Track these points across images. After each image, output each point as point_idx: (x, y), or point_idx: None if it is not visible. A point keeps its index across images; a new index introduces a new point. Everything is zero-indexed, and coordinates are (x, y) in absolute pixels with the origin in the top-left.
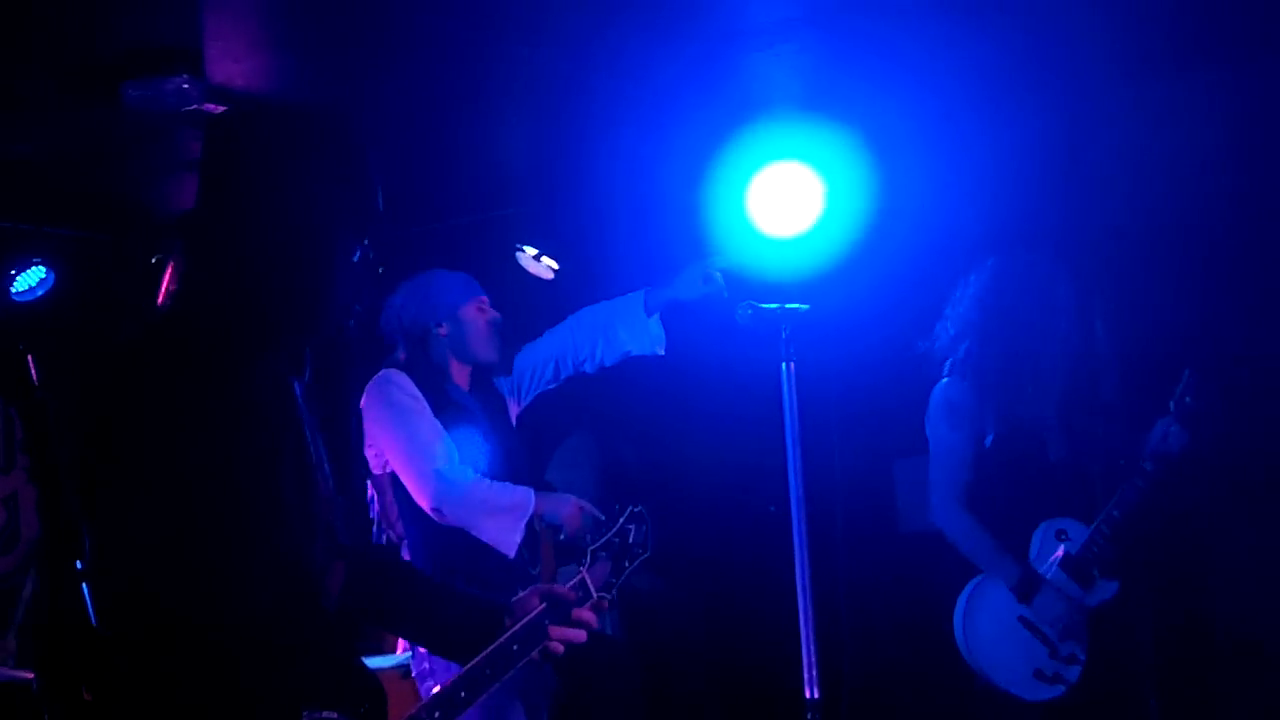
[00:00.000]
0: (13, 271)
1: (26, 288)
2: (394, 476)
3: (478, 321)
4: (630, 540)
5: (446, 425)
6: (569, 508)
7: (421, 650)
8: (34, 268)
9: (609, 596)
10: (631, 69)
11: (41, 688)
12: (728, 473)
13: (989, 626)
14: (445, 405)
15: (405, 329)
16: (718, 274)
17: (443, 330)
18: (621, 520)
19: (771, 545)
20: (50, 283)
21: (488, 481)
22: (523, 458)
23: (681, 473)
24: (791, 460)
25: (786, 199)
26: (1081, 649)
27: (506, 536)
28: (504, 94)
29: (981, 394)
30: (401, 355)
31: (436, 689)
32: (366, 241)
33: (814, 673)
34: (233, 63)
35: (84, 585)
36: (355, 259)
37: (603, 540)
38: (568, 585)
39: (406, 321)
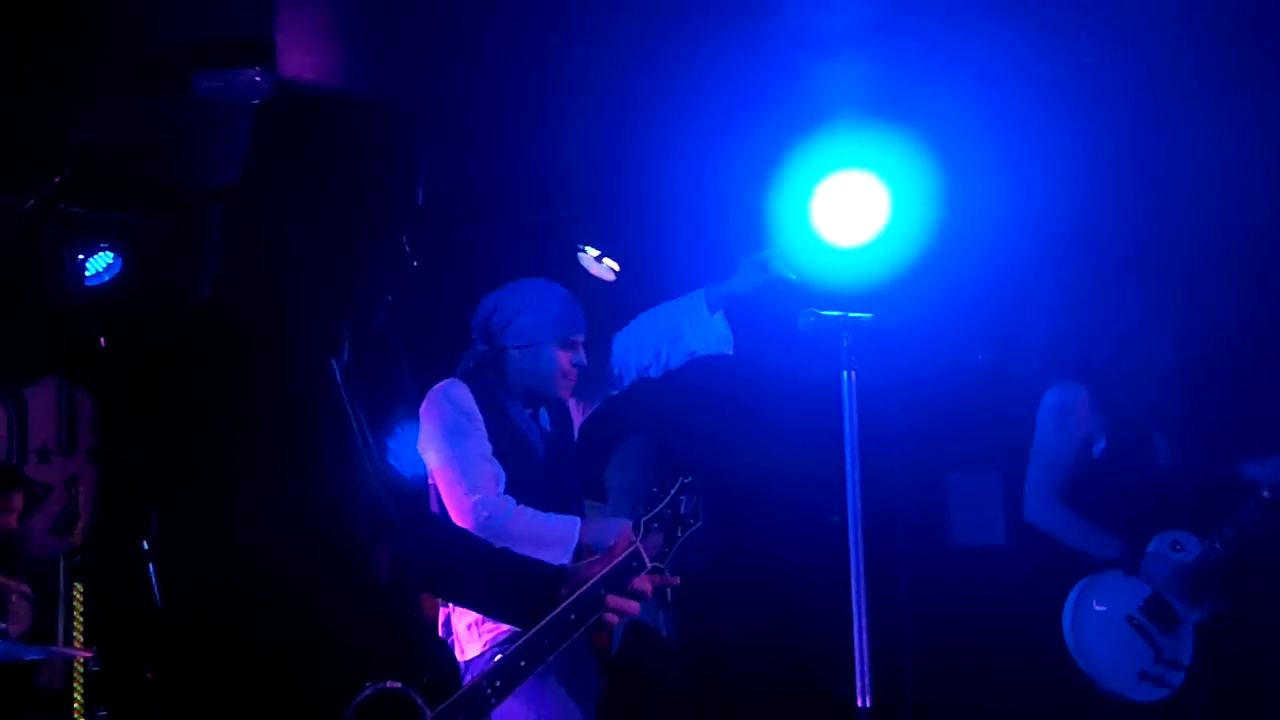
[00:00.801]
0: (81, 256)
1: (94, 273)
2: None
3: (560, 364)
4: (681, 510)
5: (500, 445)
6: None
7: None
8: (102, 253)
9: (663, 566)
10: (697, 74)
11: (104, 666)
12: (785, 479)
13: (1097, 626)
14: (503, 425)
15: (489, 333)
16: (775, 262)
17: (521, 356)
18: (673, 491)
19: (827, 553)
20: (118, 268)
21: (530, 513)
22: (575, 483)
23: (739, 478)
24: (850, 470)
25: (851, 208)
26: (1186, 655)
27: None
28: (570, 95)
29: (1094, 399)
30: (480, 348)
31: (498, 658)
32: (404, 235)
33: (866, 681)
34: (303, 56)
35: (149, 565)
36: (391, 250)
37: (655, 511)
38: (622, 556)
39: (493, 327)
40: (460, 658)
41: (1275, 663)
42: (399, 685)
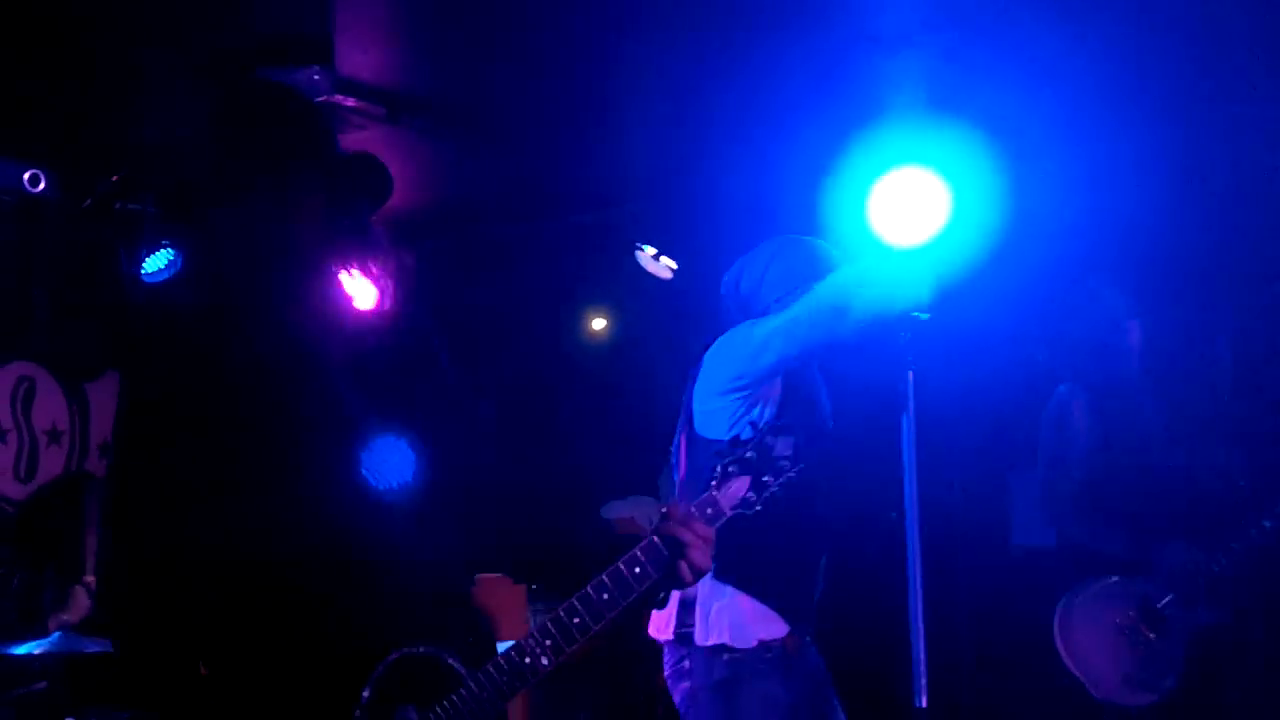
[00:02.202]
0: (143, 253)
1: (154, 270)
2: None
3: None
4: (775, 453)
5: (789, 414)
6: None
7: (678, 648)
8: (162, 250)
9: (749, 513)
10: (755, 71)
11: (123, 653)
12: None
13: (1085, 628)
14: (790, 393)
15: (744, 303)
16: None
17: (783, 308)
18: (761, 433)
19: (887, 553)
20: (178, 265)
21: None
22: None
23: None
24: (908, 468)
25: (909, 206)
26: (1177, 663)
27: (878, 301)
28: (628, 93)
29: (1095, 404)
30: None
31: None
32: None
33: (923, 681)
34: (361, 55)
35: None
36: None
37: (734, 455)
38: (695, 503)
39: (745, 294)
40: (700, 641)
41: (1270, 677)
42: (431, 649)
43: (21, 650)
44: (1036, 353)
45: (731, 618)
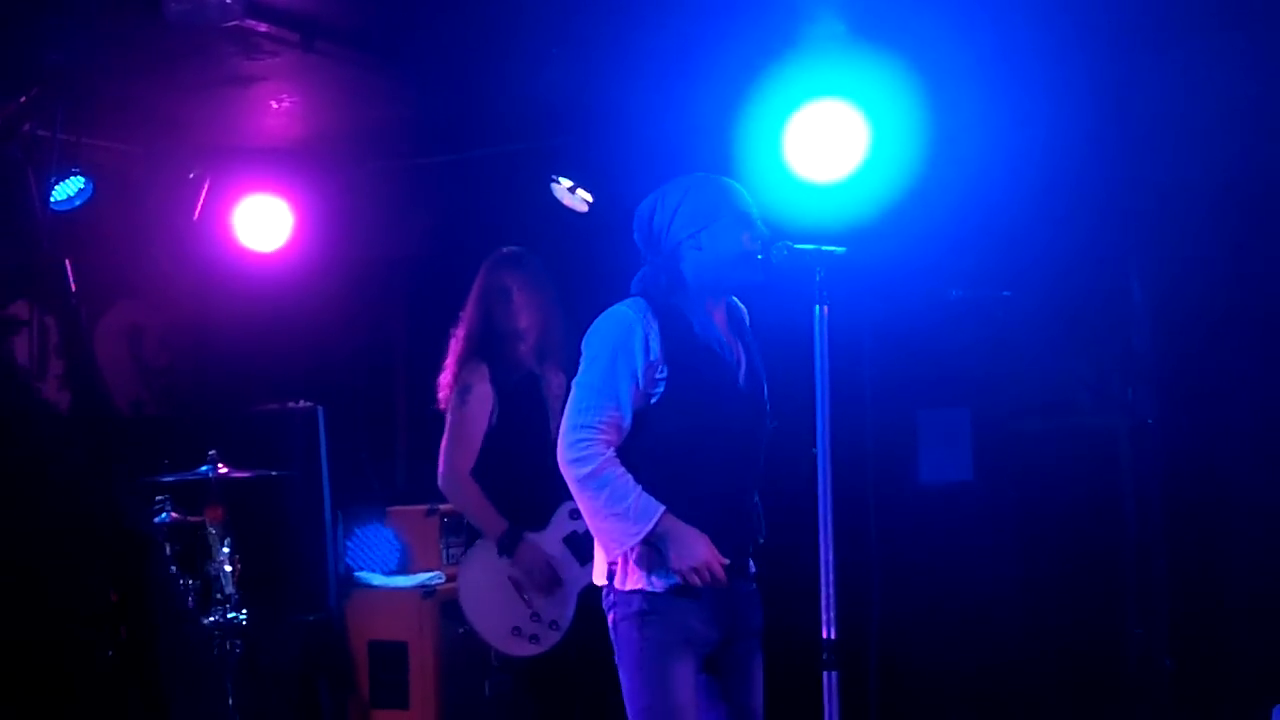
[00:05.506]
0: (52, 180)
1: (65, 197)
2: None
3: (740, 241)
4: None
5: (687, 368)
6: (697, 551)
7: (607, 587)
8: (73, 177)
9: None
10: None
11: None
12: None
13: (480, 580)
14: (687, 345)
15: (654, 237)
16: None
17: (696, 244)
18: None
19: (797, 486)
20: (88, 193)
21: (615, 476)
22: (760, 428)
23: None
24: (820, 403)
25: (827, 140)
26: (566, 618)
27: (609, 541)
28: (542, 23)
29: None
30: (650, 259)
31: None
32: None
33: (832, 614)
34: None
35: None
36: None
37: None
38: None
39: (657, 228)
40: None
41: None
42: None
43: None
44: (950, 289)
45: (648, 561)
